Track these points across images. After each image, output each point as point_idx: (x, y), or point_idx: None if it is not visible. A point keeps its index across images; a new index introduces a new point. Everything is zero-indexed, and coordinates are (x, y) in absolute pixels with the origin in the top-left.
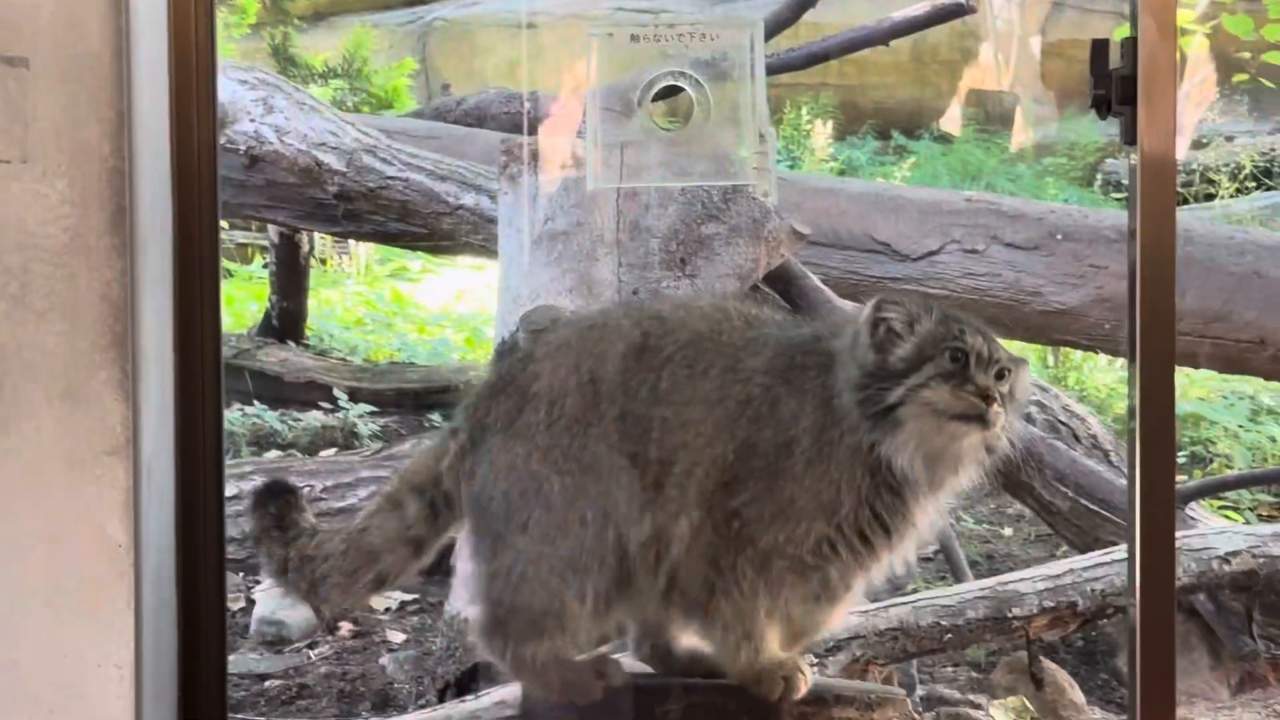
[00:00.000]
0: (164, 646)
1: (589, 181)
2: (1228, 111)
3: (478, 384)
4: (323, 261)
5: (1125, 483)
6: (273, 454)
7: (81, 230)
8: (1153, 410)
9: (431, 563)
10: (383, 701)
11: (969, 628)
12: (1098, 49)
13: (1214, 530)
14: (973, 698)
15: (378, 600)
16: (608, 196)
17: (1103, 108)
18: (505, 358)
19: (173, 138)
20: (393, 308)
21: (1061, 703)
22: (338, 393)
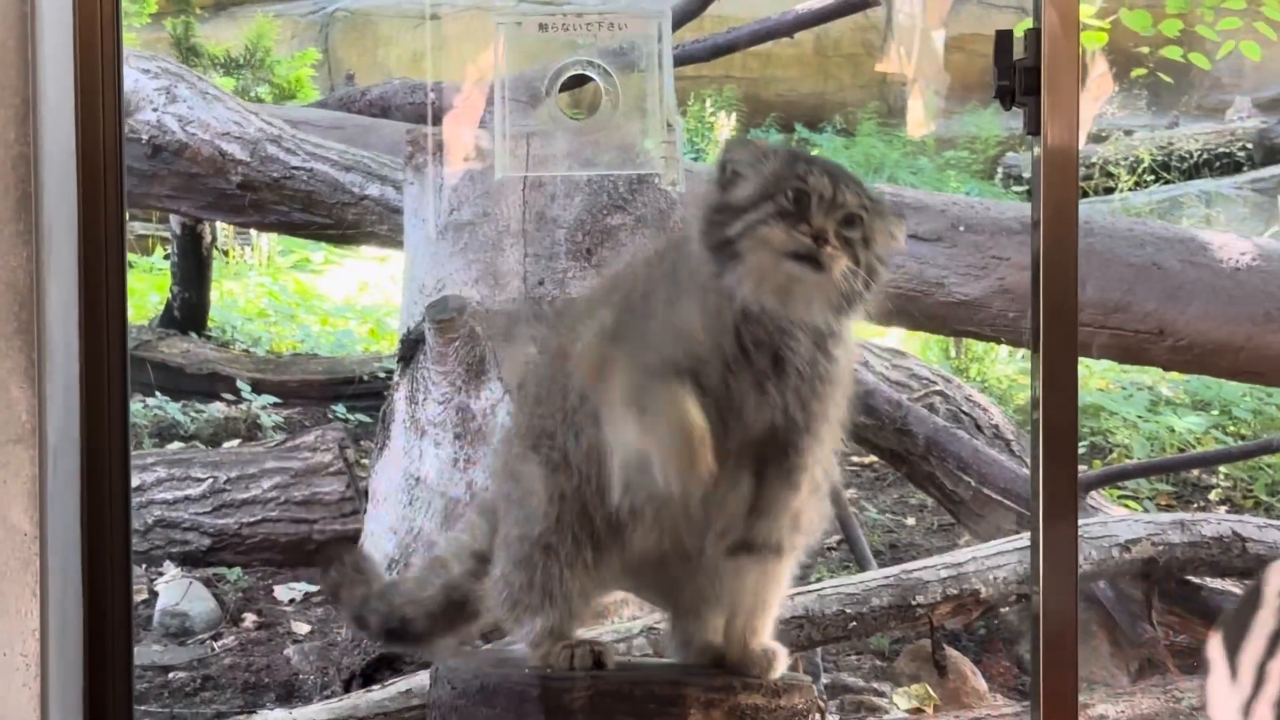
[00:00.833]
0: (70, 638)
1: (496, 171)
2: (1126, 106)
3: None
4: (225, 253)
5: (1026, 472)
6: (175, 445)
7: None
8: (1056, 400)
9: None
10: (288, 692)
11: (873, 616)
12: (1001, 40)
13: (1114, 519)
14: (877, 685)
15: (282, 591)
16: (513, 187)
17: (1006, 99)
18: None
19: (78, 125)
20: (295, 299)
21: (964, 690)
22: (241, 384)
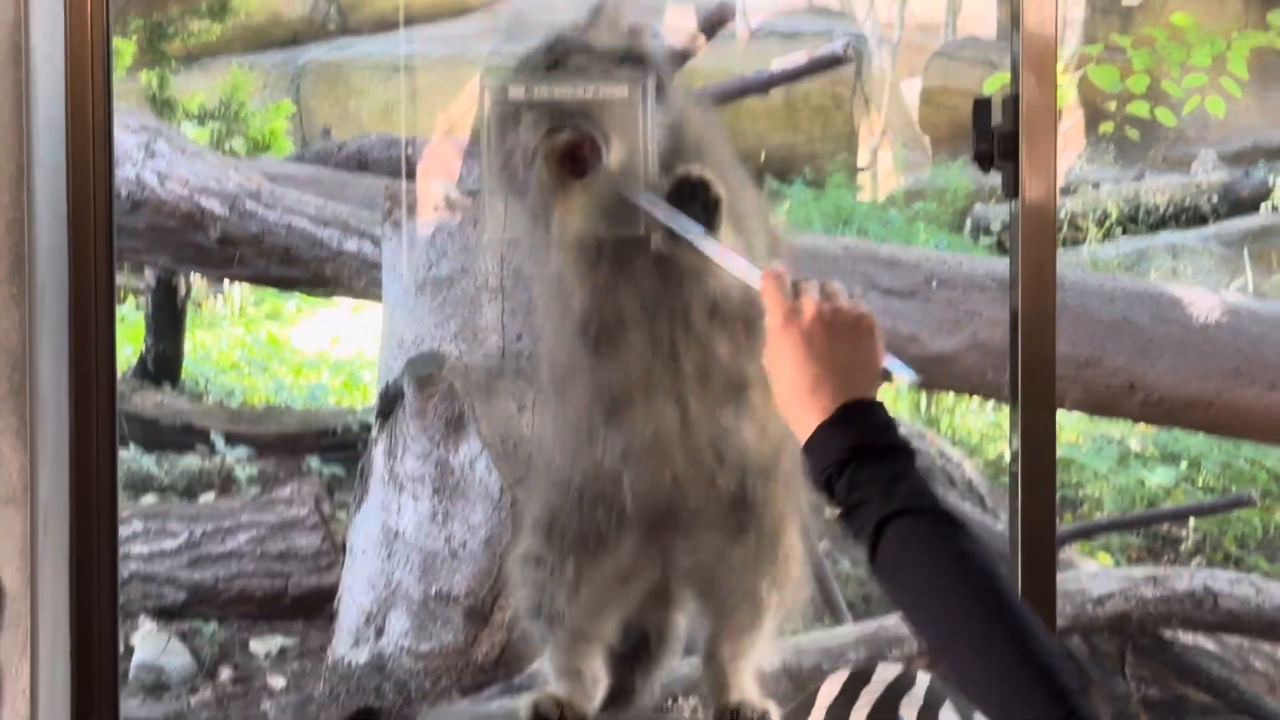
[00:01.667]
0: (58, 697)
1: (487, 233)
2: (1094, 159)
3: None
4: (198, 304)
5: (1000, 525)
6: (149, 498)
7: None
8: (1033, 454)
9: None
10: None
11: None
12: (979, 107)
13: (1088, 573)
14: None
15: (258, 645)
16: (492, 242)
17: (985, 162)
18: None
19: (69, 188)
20: (269, 351)
21: None
22: (214, 436)
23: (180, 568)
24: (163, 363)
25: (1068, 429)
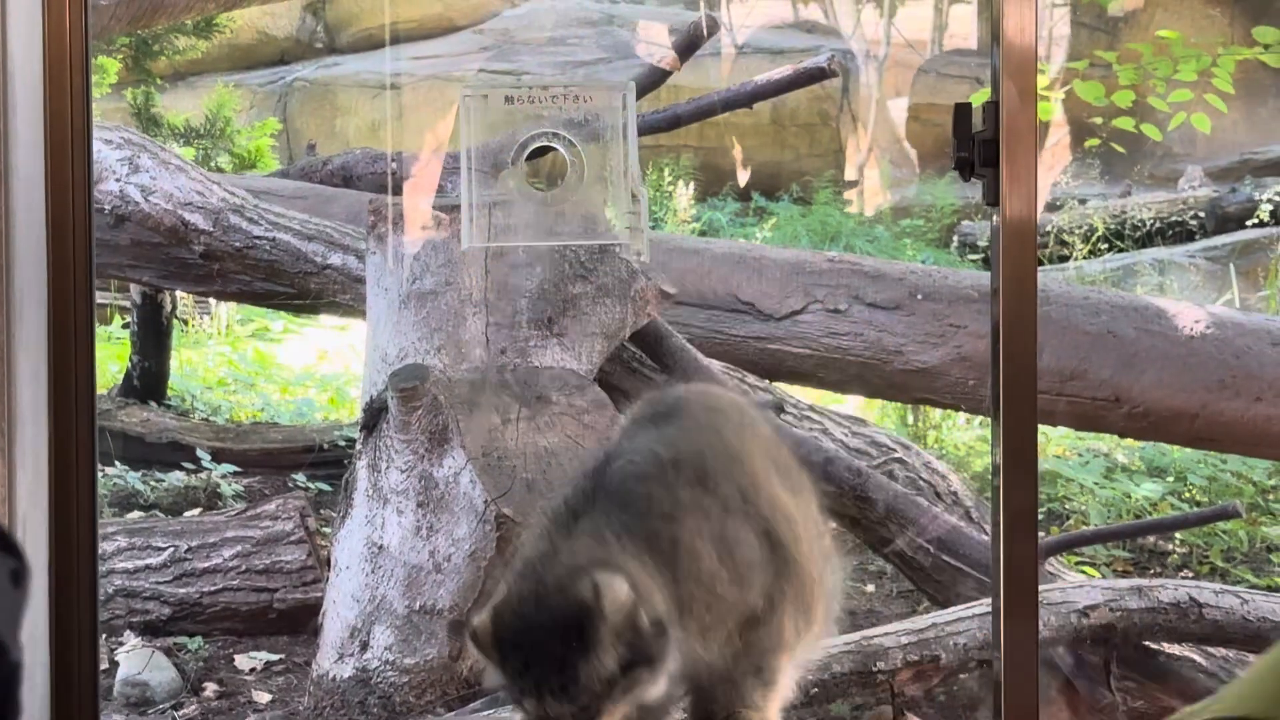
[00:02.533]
0: (37, 711)
1: (463, 242)
2: (1080, 175)
3: None
4: (184, 322)
5: (985, 538)
6: (135, 514)
7: None
8: (1016, 466)
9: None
10: None
11: (835, 682)
12: (960, 113)
13: (1073, 584)
14: None
15: (243, 660)
16: (476, 256)
17: (966, 170)
18: None
19: (48, 199)
20: (255, 368)
21: None
22: (201, 453)
23: (165, 583)
24: (149, 380)
25: (1055, 442)
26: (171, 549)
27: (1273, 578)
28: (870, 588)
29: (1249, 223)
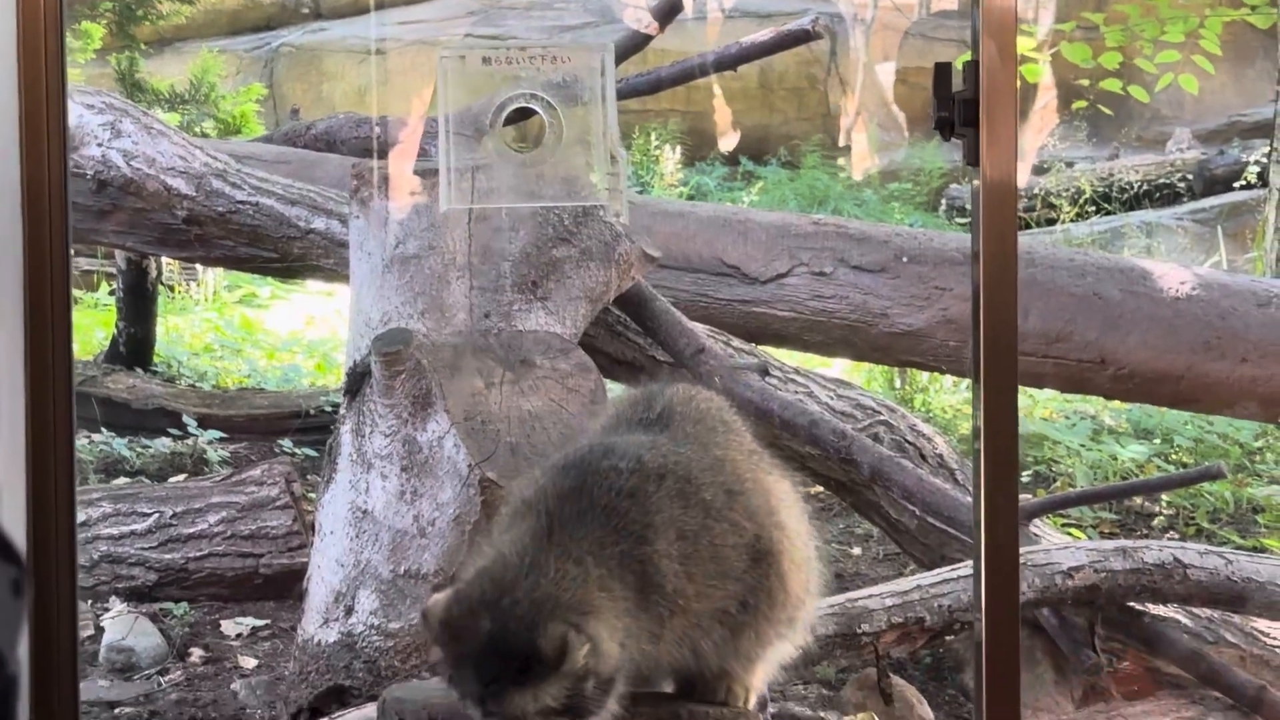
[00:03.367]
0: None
1: (441, 204)
2: (1067, 138)
3: None
4: (170, 288)
5: (971, 500)
6: (121, 481)
7: None
8: (996, 428)
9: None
10: None
11: (820, 644)
12: (940, 72)
13: (1057, 546)
14: (823, 714)
15: (229, 626)
16: (459, 220)
17: (946, 130)
18: None
19: (22, 162)
20: (242, 334)
21: (910, 718)
22: (187, 419)
23: (150, 549)
24: (135, 346)
25: (1041, 404)
26: (157, 515)
27: (1258, 539)
28: (856, 550)
29: (1236, 185)
